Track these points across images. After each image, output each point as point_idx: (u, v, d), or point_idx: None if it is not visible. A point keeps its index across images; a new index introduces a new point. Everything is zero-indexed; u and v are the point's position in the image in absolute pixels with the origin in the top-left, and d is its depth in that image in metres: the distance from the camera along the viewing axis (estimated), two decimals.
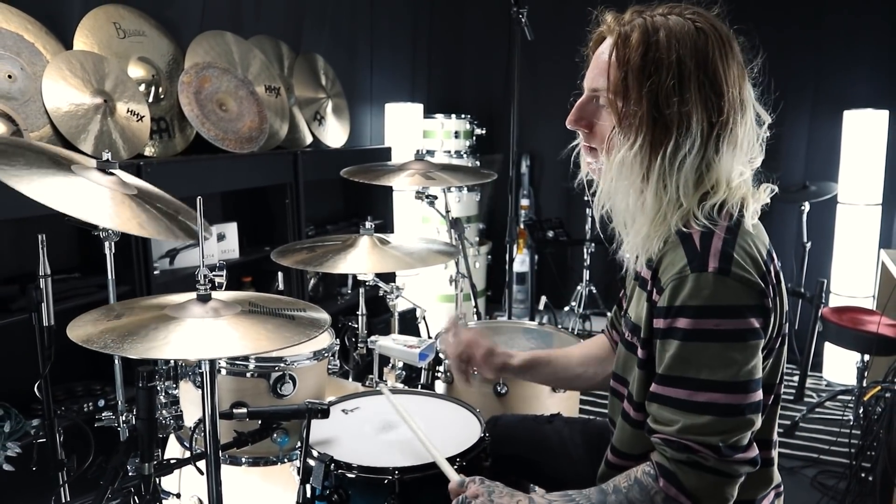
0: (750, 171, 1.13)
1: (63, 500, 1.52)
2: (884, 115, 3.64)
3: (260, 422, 1.41)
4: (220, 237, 2.74)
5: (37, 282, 1.38)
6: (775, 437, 1.22)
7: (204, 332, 1.09)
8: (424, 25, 4.54)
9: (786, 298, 1.15)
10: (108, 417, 1.50)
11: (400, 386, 2.04)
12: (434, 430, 1.55)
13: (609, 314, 1.53)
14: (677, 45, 1.05)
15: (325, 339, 1.76)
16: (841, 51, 3.90)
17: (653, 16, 1.09)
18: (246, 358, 1.52)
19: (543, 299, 4.24)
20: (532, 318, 4.32)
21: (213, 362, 1.13)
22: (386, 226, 3.71)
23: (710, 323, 1.00)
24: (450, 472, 1.29)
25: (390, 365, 2.08)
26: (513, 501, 1.15)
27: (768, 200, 1.15)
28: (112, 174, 1.36)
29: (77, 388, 2.28)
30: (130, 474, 1.30)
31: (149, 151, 2.60)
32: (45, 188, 1.22)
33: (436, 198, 2.34)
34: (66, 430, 1.60)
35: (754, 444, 1.05)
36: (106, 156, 1.36)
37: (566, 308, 4.43)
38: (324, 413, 1.42)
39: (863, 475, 2.40)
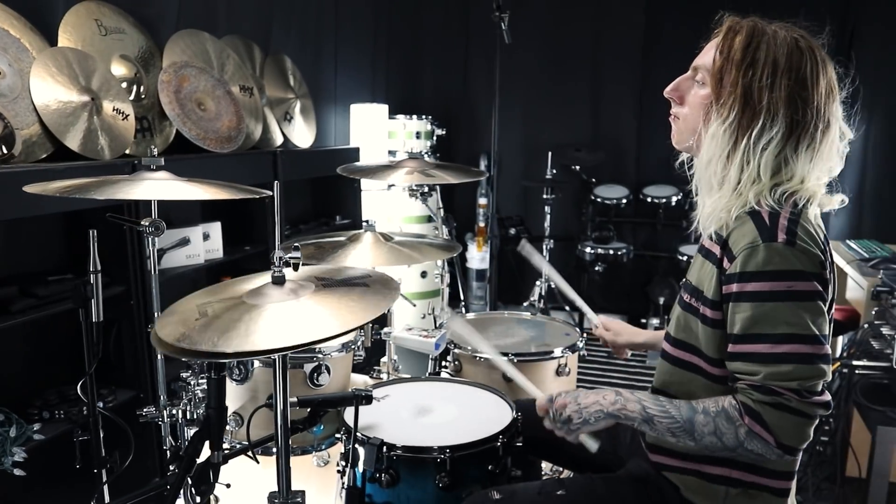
0: (827, 178, 1.28)
1: (105, 500, 1.51)
2: None
3: (309, 410, 1.45)
4: (206, 236, 2.72)
5: (87, 277, 1.37)
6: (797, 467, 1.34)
7: (292, 317, 1.10)
8: (384, 27, 4.59)
9: (835, 279, 1.30)
10: (150, 412, 1.50)
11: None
12: (469, 412, 1.64)
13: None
14: (776, 50, 1.21)
15: (352, 332, 1.81)
16: None
17: (764, 25, 1.26)
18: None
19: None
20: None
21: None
22: (355, 224, 3.74)
23: (783, 285, 1.15)
24: (534, 390, 1.44)
25: (386, 356, 2.16)
26: (599, 397, 1.29)
27: (836, 206, 1.30)
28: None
29: (69, 391, 2.22)
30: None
31: (130, 151, 2.55)
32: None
33: (430, 195, 2.42)
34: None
35: (826, 391, 1.20)
36: (153, 152, 1.38)
37: (525, 304, 4.57)
38: (367, 399, 1.48)
39: (818, 448, 2.63)
